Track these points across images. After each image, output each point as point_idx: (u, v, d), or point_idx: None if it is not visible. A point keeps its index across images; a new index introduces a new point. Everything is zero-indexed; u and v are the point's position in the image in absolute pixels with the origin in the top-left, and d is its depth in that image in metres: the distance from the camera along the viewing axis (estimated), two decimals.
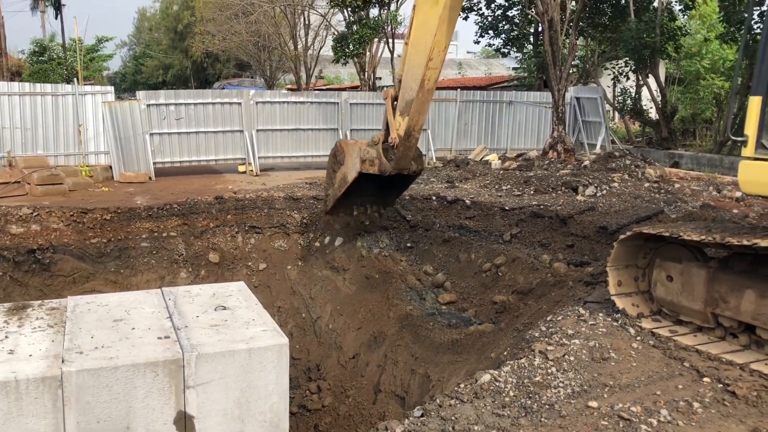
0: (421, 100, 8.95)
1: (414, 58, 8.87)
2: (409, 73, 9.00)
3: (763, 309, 5.01)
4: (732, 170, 17.20)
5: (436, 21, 8.34)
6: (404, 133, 9.21)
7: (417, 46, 8.79)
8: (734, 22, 19.13)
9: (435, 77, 8.83)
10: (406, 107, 9.11)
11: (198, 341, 5.43)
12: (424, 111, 9.24)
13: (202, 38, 33.98)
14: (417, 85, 8.78)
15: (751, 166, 5.02)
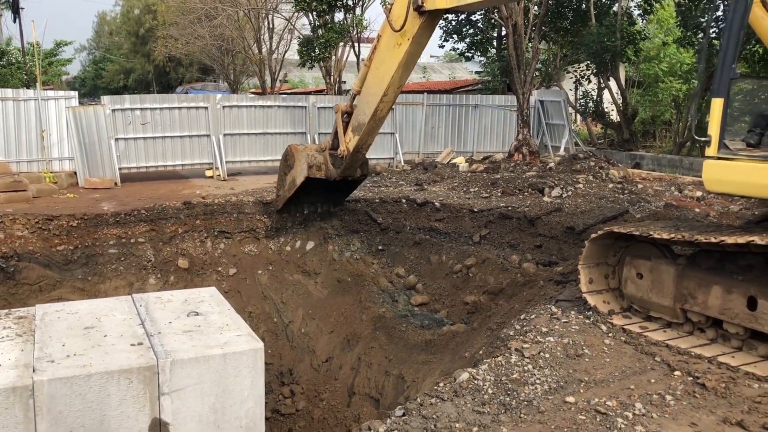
0: (372, 126, 9.49)
1: (372, 86, 9.22)
2: (365, 97, 9.40)
3: (729, 304, 5.18)
4: (691, 171, 17.68)
5: (395, 64, 8.67)
6: (353, 148, 9.77)
7: (376, 76, 9.14)
8: (691, 27, 19.64)
9: (387, 109, 9.37)
10: (358, 127, 9.60)
11: (172, 347, 5.37)
12: (374, 134, 9.86)
13: (165, 42, 33.53)
14: (370, 112, 9.25)
15: (714, 166, 5.19)
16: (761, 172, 4.90)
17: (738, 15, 4.94)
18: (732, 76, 5.02)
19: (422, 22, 8.28)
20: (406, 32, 8.43)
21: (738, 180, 5.10)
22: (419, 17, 8.24)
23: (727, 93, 5.08)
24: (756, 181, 4.95)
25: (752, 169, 4.97)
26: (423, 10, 8.17)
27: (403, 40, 8.49)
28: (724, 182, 5.26)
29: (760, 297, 4.95)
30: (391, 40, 8.72)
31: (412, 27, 8.35)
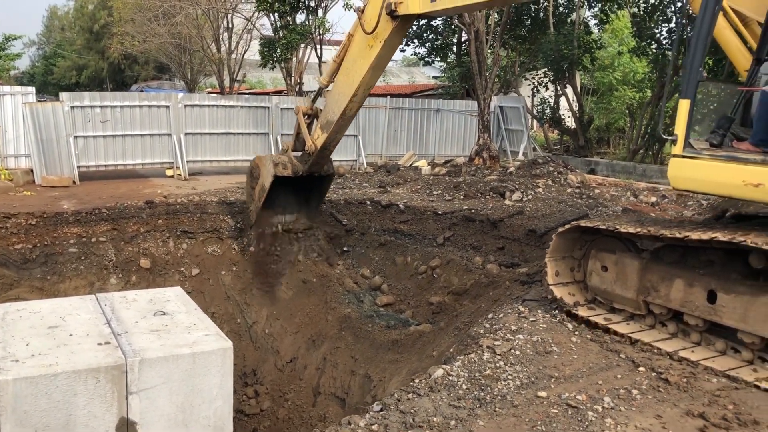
0: (340, 125, 9.55)
1: (341, 86, 9.28)
2: (334, 96, 9.45)
3: (690, 297, 5.41)
4: (644, 177, 18.22)
5: (366, 65, 8.71)
6: (321, 146, 9.80)
7: (346, 76, 9.17)
8: (645, 37, 20.26)
9: (356, 109, 9.42)
10: (326, 125, 9.64)
11: (140, 346, 5.32)
12: (342, 132, 9.91)
13: (121, 39, 32.86)
14: (339, 111, 9.30)
15: (680, 163, 5.43)
16: (722, 171, 5.14)
17: (706, 23, 5.18)
18: (699, 79, 5.26)
19: (394, 26, 8.33)
20: (378, 35, 8.47)
21: (701, 178, 5.34)
22: (392, 21, 8.29)
23: (693, 95, 5.31)
24: (717, 179, 5.20)
25: (714, 167, 5.21)
26: (396, 15, 8.23)
27: (374, 43, 8.53)
28: (688, 180, 5.49)
29: (720, 290, 5.19)
30: (362, 42, 8.77)
31: (384, 30, 8.39)
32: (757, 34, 5.61)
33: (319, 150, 9.85)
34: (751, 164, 5.01)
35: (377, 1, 8.47)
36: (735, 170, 5.08)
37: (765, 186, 4.84)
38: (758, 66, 5.46)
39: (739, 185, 5.01)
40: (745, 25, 5.63)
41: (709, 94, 6.00)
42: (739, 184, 5.01)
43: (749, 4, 5.58)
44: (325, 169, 10.51)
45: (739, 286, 5.11)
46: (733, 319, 5.11)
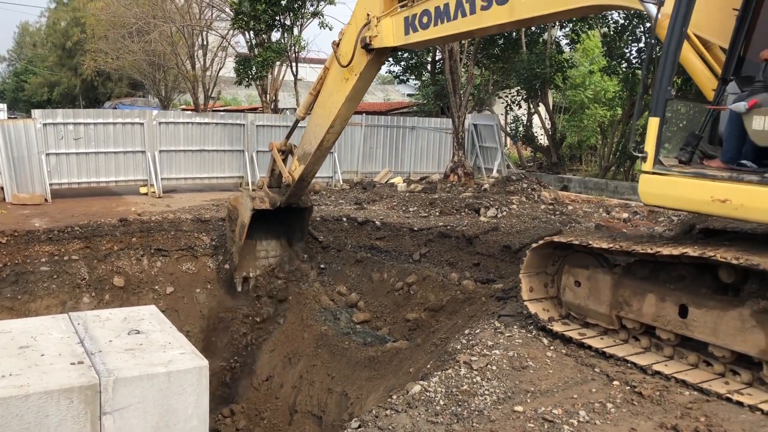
0: (318, 156, 9.71)
1: (318, 118, 9.41)
2: (311, 128, 9.59)
3: (662, 311, 5.50)
4: (616, 193, 18.53)
5: (343, 98, 8.87)
6: (298, 177, 9.92)
7: (323, 108, 9.31)
8: (615, 56, 20.69)
9: (333, 140, 9.60)
10: (304, 156, 9.77)
11: (114, 366, 5.26)
12: (319, 163, 10.08)
13: (94, 56, 32.59)
14: (316, 143, 9.44)
15: (650, 180, 5.54)
16: (691, 187, 5.26)
17: (673, 45, 5.33)
18: (667, 98, 5.40)
19: (369, 59, 8.53)
20: (353, 68, 8.66)
21: (671, 194, 5.46)
22: (367, 54, 8.48)
23: (662, 113, 5.45)
24: (687, 195, 5.32)
25: (684, 184, 5.33)
26: (371, 48, 8.40)
27: (350, 75, 8.71)
28: (659, 196, 5.61)
29: (691, 305, 5.29)
30: (338, 74, 8.92)
31: (359, 63, 8.58)
32: (719, 58, 5.78)
33: (297, 181, 9.94)
34: (718, 180, 5.14)
35: (352, 35, 8.65)
36: (703, 186, 5.20)
37: (731, 202, 4.97)
38: (724, 86, 5.62)
39: (707, 201, 5.13)
40: (708, 49, 5.81)
41: (678, 112, 6.15)
42: (707, 200, 5.13)
43: (711, 30, 5.77)
44: (303, 201, 10.59)
45: (709, 300, 5.21)
46: (704, 333, 5.20)
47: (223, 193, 15.30)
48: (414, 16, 7.91)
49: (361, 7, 8.66)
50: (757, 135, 5.13)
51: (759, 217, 5.03)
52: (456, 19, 7.44)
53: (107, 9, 28.95)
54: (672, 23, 5.32)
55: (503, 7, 6.93)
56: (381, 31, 8.29)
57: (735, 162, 5.36)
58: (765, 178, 4.85)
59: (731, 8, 5.66)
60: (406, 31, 8.05)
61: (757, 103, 5.04)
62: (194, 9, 27.89)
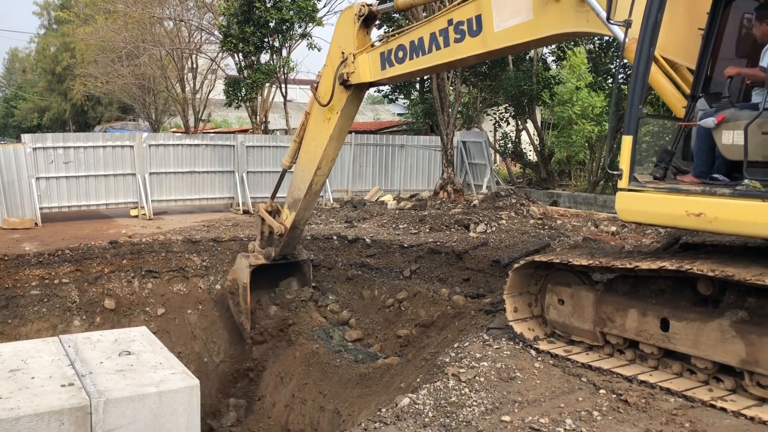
0: (308, 201, 9.68)
1: (304, 163, 9.47)
2: (299, 174, 9.63)
3: (644, 326, 5.58)
4: (605, 207, 18.66)
5: (326, 138, 8.97)
6: (290, 225, 9.85)
7: (308, 153, 9.39)
8: (601, 72, 20.96)
9: (322, 182, 9.62)
10: (294, 203, 9.77)
11: (105, 387, 5.28)
12: (311, 208, 10.07)
13: (84, 80, 32.72)
14: (305, 187, 9.45)
15: (626, 197, 5.65)
16: (667, 203, 5.37)
17: (642, 65, 5.49)
18: (639, 116, 5.53)
19: (349, 95, 8.69)
20: (334, 106, 8.81)
21: (647, 210, 5.57)
22: (345, 91, 8.65)
23: (635, 131, 5.58)
24: (663, 211, 5.43)
25: (659, 200, 5.44)
26: (348, 84, 8.56)
27: (332, 114, 8.86)
28: (636, 212, 5.72)
29: (672, 318, 5.37)
30: (320, 116, 9.05)
31: (339, 101, 8.74)
32: (687, 78, 5.94)
33: (290, 230, 9.88)
34: (692, 195, 5.25)
35: (329, 75, 8.81)
36: (677, 201, 5.30)
37: (706, 215, 5.07)
38: (694, 102, 5.76)
39: (683, 215, 5.23)
40: (676, 70, 5.98)
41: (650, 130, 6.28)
42: (682, 215, 5.23)
43: (677, 50, 5.93)
44: (297, 253, 10.53)
45: (689, 313, 5.30)
46: (686, 346, 5.27)
47: (214, 215, 15.36)
48: (389, 51, 8.06)
49: (336, 46, 8.83)
50: (726, 149, 5.26)
51: (733, 229, 5.14)
52: (431, 52, 7.60)
53: (96, 34, 29.11)
54: (639, 45, 5.48)
55: (476, 39, 7.10)
56: (358, 67, 8.45)
57: (707, 176, 5.49)
58: (737, 191, 4.97)
59: (696, 28, 5.84)
60: (383, 66, 8.21)
61: (725, 119, 5.18)
62: (183, 32, 28.11)
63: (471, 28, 7.13)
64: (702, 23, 5.81)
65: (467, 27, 7.17)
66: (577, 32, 6.83)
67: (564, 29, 6.47)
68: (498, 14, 6.86)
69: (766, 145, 4.97)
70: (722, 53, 5.80)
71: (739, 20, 5.90)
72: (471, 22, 7.12)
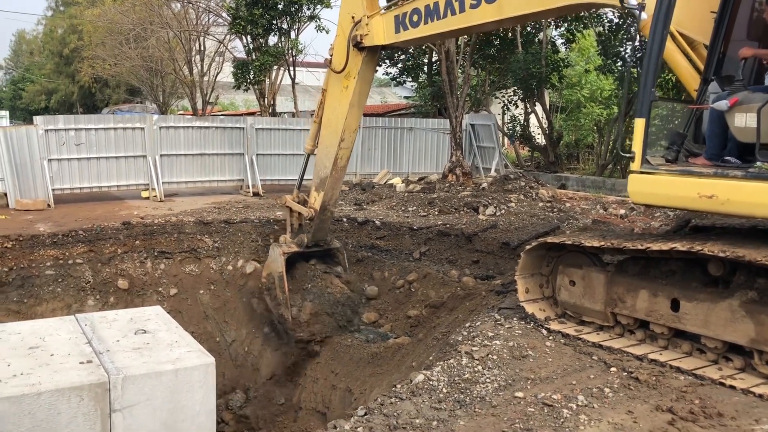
0: (335, 177, 9.38)
1: (326, 139, 9.28)
2: (322, 152, 9.40)
3: (654, 306, 5.64)
4: (613, 191, 18.66)
5: (346, 106, 8.83)
6: (320, 207, 9.53)
7: (329, 128, 9.22)
8: (610, 55, 20.84)
9: (347, 156, 9.33)
10: (321, 183, 9.48)
11: (123, 364, 5.39)
12: (338, 187, 9.70)
13: (92, 63, 32.75)
14: (330, 163, 9.19)
15: (638, 179, 5.69)
16: (679, 185, 5.41)
17: (656, 47, 5.49)
18: (652, 99, 5.55)
19: (364, 58, 8.62)
20: (350, 72, 8.73)
21: (659, 192, 5.61)
22: (360, 53, 8.59)
23: (648, 114, 5.60)
24: (675, 193, 5.47)
25: (671, 182, 5.48)
26: (362, 47, 8.53)
27: (349, 81, 8.77)
28: (648, 194, 5.76)
29: (682, 299, 5.43)
30: (337, 86, 8.97)
31: (354, 65, 8.67)
32: (704, 56, 5.94)
33: (320, 212, 9.55)
34: (704, 177, 5.28)
35: (342, 43, 8.77)
36: (690, 184, 5.34)
37: (718, 197, 5.11)
38: (706, 86, 5.77)
39: (694, 198, 5.27)
40: (693, 47, 5.97)
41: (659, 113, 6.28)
42: (694, 197, 5.27)
43: (695, 27, 5.91)
44: (330, 239, 10.19)
45: (699, 293, 5.36)
46: (696, 326, 5.34)
47: (224, 197, 15.45)
48: (404, 15, 8.03)
49: (345, 13, 8.79)
50: (739, 132, 5.28)
51: (745, 211, 5.18)
52: (446, 17, 7.54)
53: (104, 16, 29.09)
54: (653, 26, 5.48)
55: (492, 5, 7.05)
56: (371, 29, 8.41)
57: (719, 158, 5.51)
58: (749, 173, 5.00)
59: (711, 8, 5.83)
60: (397, 29, 8.18)
61: (739, 101, 5.20)
62: (191, 14, 28.06)
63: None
64: (715, 6, 5.81)
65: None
66: (593, 3, 6.81)
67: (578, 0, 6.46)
68: None
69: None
70: (734, 36, 5.80)
71: (751, 3, 5.89)
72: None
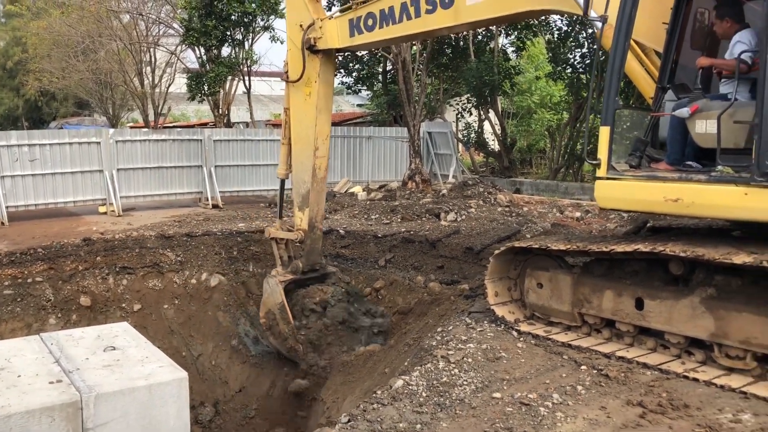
0: (317, 190, 9.09)
1: (300, 155, 9.02)
2: (298, 168, 9.11)
3: (620, 305, 5.87)
4: (567, 194, 19.15)
5: (313, 112, 8.67)
6: (308, 226, 9.20)
7: (300, 142, 8.97)
8: (560, 62, 21.41)
9: (325, 165, 9.04)
10: (303, 201, 9.15)
11: (94, 382, 5.32)
12: (322, 200, 9.36)
13: (38, 76, 31.90)
14: (309, 177, 8.91)
15: (605, 185, 5.91)
16: (645, 190, 5.64)
17: (618, 58, 5.73)
18: (615, 107, 5.79)
19: (321, 60, 8.60)
20: (309, 78, 8.68)
21: (626, 197, 5.84)
22: (315, 56, 8.56)
23: (612, 122, 5.83)
24: (641, 197, 5.70)
25: (638, 187, 5.71)
26: (316, 50, 8.51)
27: (310, 87, 8.71)
28: (614, 199, 5.99)
29: (646, 297, 5.67)
30: (299, 96, 8.86)
31: (313, 69, 8.63)
32: (656, 63, 6.23)
33: (308, 231, 9.20)
34: (669, 182, 5.53)
35: (295, 55, 8.72)
36: (655, 188, 5.57)
37: (683, 201, 5.35)
38: (663, 93, 6.05)
39: (661, 201, 5.51)
40: (646, 55, 6.25)
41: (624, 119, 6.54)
42: (661, 201, 5.50)
43: (647, 35, 6.20)
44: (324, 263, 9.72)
45: (662, 292, 5.59)
46: (660, 323, 5.58)
47: (183, 209, 15.27)
48: (359, 18, 8.04)
49: (292, 22, 8.79)
50: (700, 138, 5.55)
51: (709, 212, 5.45)
52: (401, 21, 7.60)
53: (50, 28, 28.40)
54: (615, 37, 5.71)
55: (448, 11, 7.17)
56: (325, 32, 8.40)
57: (680, 163, 5.78)
58: (712, 176, 5.27)
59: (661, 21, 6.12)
60: (351, 33, 8.19)
61: (699, 109, 5.48)
62: (141, 26, 27.65)
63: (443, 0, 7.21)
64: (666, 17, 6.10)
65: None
66: (548, 9, 7.01)
67: (537, 6, 6.65)
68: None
69: (737, 133, 5.25)
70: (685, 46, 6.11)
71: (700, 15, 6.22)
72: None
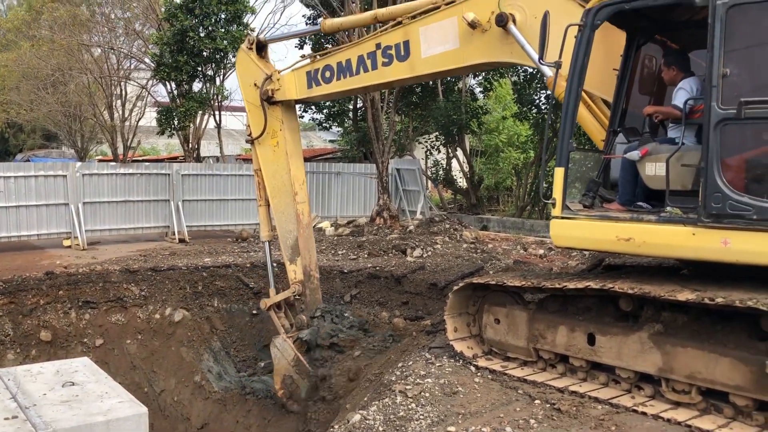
0: (305, 237, 9.04)
1: (280, 206, 9.04)
2: (281, 221, 9.10)
3: (573, 341, 6.05)
4: (533, 231, 19.52)
5: (284, 159, 8.75)
6: (303, 275, 9.08)
7: (278, 195, 9.01)
8: (525, 103, 22.02)
9: (307, 210, 9.09)
10: (293, 252, 9.09)
11: (51, 418, 5.28)
12: (312, 246, 9.25)
13: (6, 108, 31.62)
14: (294, 225, 8.92)
15: (559, 224, 6.13)
16: (598, 229, 5.87)
17: (572, 103, 6.02)
18: (570, 150, 6.06)
19: (282, 109, 8.73)
20: (274, 129, 8.77)
21: (580, 236, 6.06)
22: (275, 106, 8.69)
23: (566, 163, 6.09)
24: (595, 236, 5.93)
25: (591, 226, 5.94)
26: (274, 101, 8.65)
27: (277, 137, 8.81)
28: (569, 238, 6.20)
29: (597, 333, 5.86)
30: (268, 150, 8.94)
31: (275, 120, 8.74)
32: (603, 110, 6.57)
33: (305, 281, 9.10)
34: (621, 222, 5.77)
35: (255, 112, 8.84)
36: (608, 228, 5.80)
37: (635, 240, 5.59)
38: (614, 137, 6.37)
39: (613, 240, 5.74)
40: (593, 101, 6.59)
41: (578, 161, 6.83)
42: (613, 240, 5.73)
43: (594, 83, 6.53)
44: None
45: (612, 328, 5.79)
46: (611, 358, 5.77)
47: (149, 244, 15.21)
48: (316, 71, 8.23)
49: (245, 84, 8.95)
50: (650, 179, 5.84)
51: (659, 252, 5.70)
52: (359, 74, 7.83)
53: (20, 60, 28.28)
54: (569, 87, 6.01)
55: (404, 63, 7.45)
56: (283, 84, 8.55)
57: (631, 204, 6.05)
58: (661, 217, 5.53)
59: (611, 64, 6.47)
60: (309, 85, 8.35)
61: (648, 152, 5.77)
62: (112, 59, 27.71)
63: (399, 53, 7.45)
64: (616, 65, 6.44)
65: (395, 51, 7.49)
66: (501, 62, 7.31)
67: (489, 59, 6.97)
68: (426, 41, 7.23)
69: (684, 176, 5.54)
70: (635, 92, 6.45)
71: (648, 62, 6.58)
72: (399, 47, 7.45)
